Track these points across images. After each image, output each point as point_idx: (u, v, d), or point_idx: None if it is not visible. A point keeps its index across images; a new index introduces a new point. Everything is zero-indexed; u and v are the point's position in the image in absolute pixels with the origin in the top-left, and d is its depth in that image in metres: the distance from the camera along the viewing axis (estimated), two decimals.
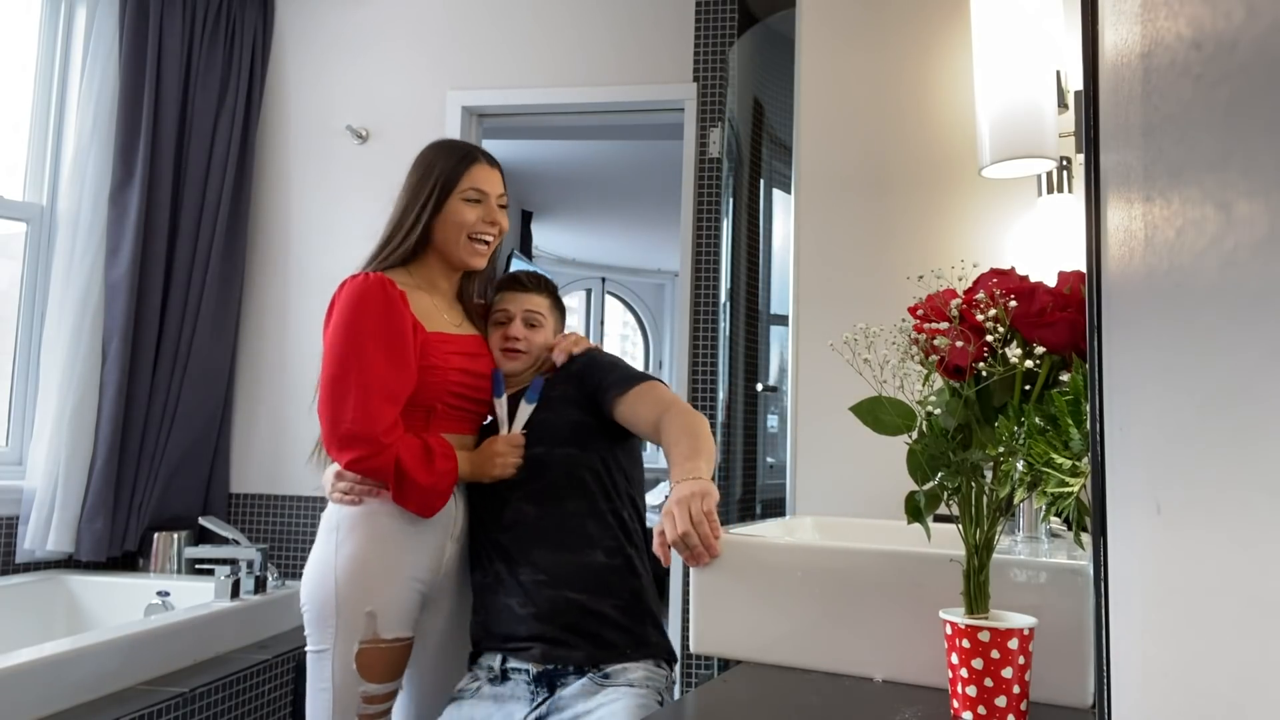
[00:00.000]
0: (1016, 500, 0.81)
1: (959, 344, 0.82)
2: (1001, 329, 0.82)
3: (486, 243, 1.68)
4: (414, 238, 1.64)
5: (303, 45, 3.47)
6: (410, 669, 1.61)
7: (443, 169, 1.66)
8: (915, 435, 0.85)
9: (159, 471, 3.07)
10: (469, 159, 1.68)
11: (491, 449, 1.62)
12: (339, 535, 1.54)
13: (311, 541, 2.04)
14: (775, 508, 2.64)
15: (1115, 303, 0.48)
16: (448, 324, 1.66)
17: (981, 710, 0.78)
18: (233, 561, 2.76)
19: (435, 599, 1.62)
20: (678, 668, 1.62)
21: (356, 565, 1.51)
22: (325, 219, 3.35)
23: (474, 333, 1.71)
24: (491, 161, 1.72)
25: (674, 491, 1.22)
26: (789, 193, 1.92)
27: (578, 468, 1.57)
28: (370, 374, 1.51)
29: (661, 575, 1.65)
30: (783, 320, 2.62)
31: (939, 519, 1.10)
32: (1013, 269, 0.88)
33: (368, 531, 1.53)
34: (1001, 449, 0.79)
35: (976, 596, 0.81)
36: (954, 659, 0.81)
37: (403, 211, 1.67)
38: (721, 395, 2.92)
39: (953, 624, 0.80)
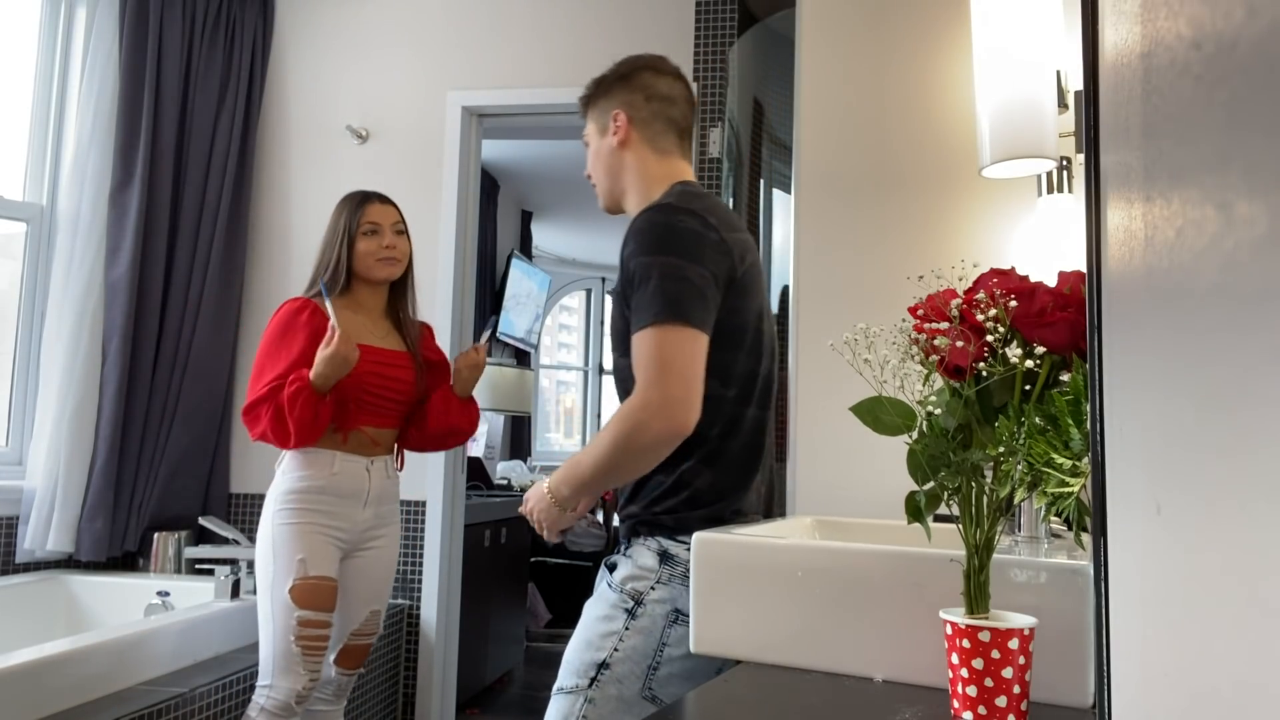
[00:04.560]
0: (1016, 500, 0.81)
1: (959, 344, 0.82)
2: (1002, 329, 0.82)
3: (392, 259, 2.18)
4: (341, 273, 2.15)
5: (303, 45, 3.47)
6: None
7: (346, 215, 2.19)
8: (915, 435, 0.85)
9: (159, 471, 3.07)
10: (364, 202, 2.20)
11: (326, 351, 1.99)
12: (276, 506, 2.07)
13: None
14: (775, 508, 2.64)
15: (1115, 303, 0.48)
16: (371, 337, 2.17)
17: (982, 710, 0.79)
18: (233, 561, 2.75)
19: (357, 549, 2.17)
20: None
21: (291, 525, 2.05)
22: (325, 219, 3.35)
23: (399, 348, 2.20)
24: (384, 200, 2.23)
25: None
26: (789, 193, 1.92)
27: (626, 381, 1.36)
28: (263, 379, 2.04)
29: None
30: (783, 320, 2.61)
31: (939, 519, 1.10)
32: (1013, 269, 0.88)
33: (298, 502, 2.06)
34: (1001, 449, 0.79)
35: (976, 596, 0.81)
36: (954, 659, 0.81)
37: (323, 254, 2.20)
38: None
39: (953, 624, 0.80)
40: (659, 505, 1.36)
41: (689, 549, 1.28)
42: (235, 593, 2.63)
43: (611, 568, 1.39)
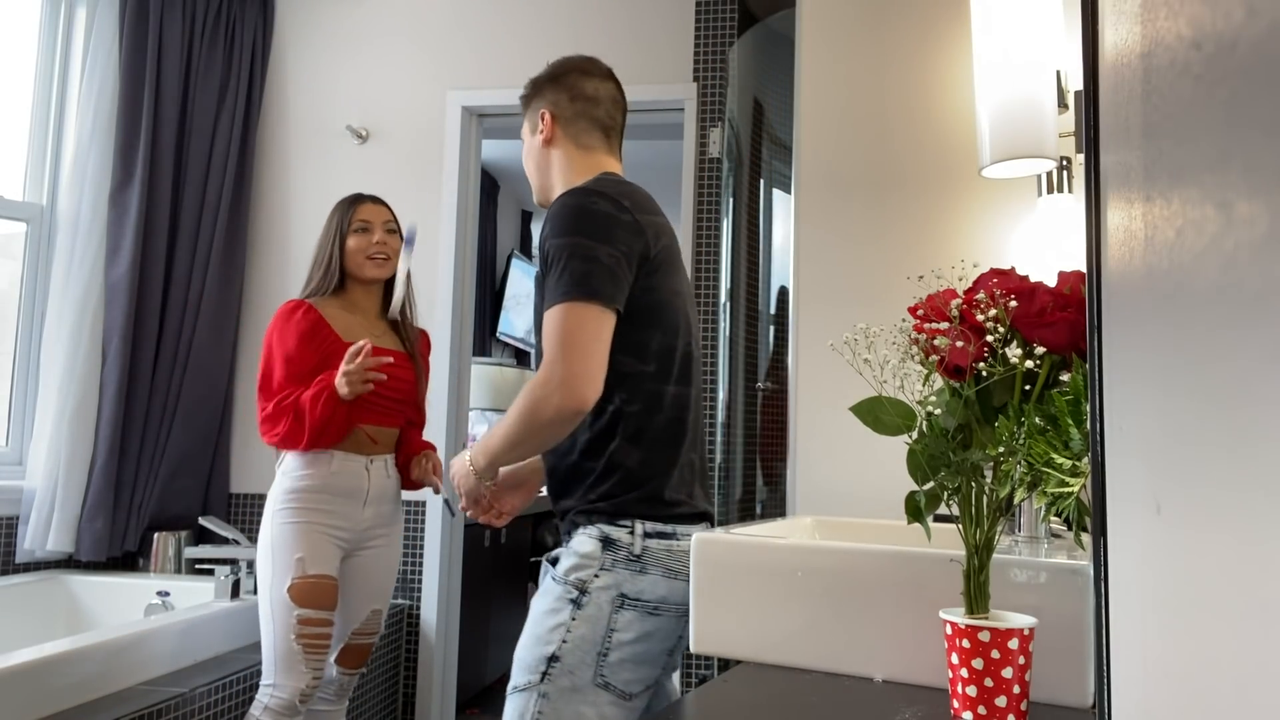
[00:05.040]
0: (1016, 500, 0.81)
1: (959, 344, 0.82)
2: (1001, 329, 0.82)
3: (383, 256, 2.22)
4: (334, 272, 2.19)
5: (303, 45, 3.47)
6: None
7: (339, 215, 2.23)
8: (915, 435, 0.85)
9: (159, 471, 3.07)
10: (356, 202, 2.25)
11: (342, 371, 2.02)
12: (277, 505, 2.10)
13: None
14: (775, 507, 2.64)
15: (1115, 303, 0.48)
16: (368, 337, 2.17)
17: (982, 710, 0.79)
18: (233, 561, 2.75)
19: (358, 548, 2.19)
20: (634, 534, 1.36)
21: (291, 525, 2.07)
22: (325, 219, 3.36)
23: (394, 347, 2.23)
24: (376, 200, 2.27)
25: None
26: (789, 193, 1.92)
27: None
28: (273, 377, 2.12)
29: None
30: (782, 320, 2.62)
31: (939, 519, 1.10)
32: (1013, 269, 0.88)
33: (298, 501, 2.08)
34: (1001, 449, 0.79)
35: (976, 596, 0.81)
36: (954, 659, 0.81)
37: (317, 254, 2.24)
38: (721, 395, 2.91)
39: (953, 624, 0.80)
40: (594, 493, 1.38)
41: (630, 532, 1.35)
42: (235, 593, 2.63)
43: (554, 562, 1.40)
